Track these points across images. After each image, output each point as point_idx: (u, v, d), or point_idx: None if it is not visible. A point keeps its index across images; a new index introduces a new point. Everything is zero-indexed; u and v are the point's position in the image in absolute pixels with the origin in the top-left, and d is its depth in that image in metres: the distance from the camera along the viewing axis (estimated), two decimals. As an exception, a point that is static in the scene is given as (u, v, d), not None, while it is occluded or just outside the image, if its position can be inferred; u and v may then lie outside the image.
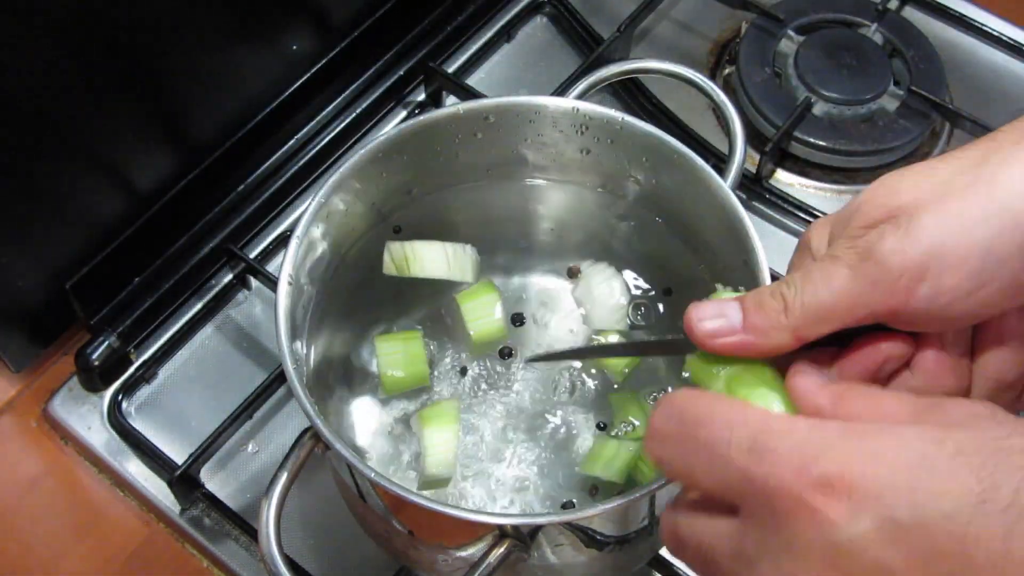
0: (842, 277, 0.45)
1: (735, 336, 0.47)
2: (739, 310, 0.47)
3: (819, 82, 0.90)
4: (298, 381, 0.57)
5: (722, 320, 0.47)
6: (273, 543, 0.55)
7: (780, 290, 0.47)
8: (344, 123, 0.88)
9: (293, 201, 0.87)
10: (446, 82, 0.90)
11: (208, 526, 0.74)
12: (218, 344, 0.82)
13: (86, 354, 0.77)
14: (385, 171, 0.68)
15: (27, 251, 0.73)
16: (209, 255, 0.82)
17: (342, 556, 0.73)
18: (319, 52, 0.85)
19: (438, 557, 0.62)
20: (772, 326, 0.47)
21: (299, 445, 0.58)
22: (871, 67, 0.91)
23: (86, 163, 0.74)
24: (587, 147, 0.69)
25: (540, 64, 0.96)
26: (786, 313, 0.46)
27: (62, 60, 0.67)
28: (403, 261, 0.69)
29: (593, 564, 0.64)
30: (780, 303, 0.46)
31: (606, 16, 0.96)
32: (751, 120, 0.91)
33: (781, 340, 0.47)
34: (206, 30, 0.76)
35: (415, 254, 0.69)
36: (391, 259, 0.69)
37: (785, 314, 0.46)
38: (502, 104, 0.68)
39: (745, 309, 0.47)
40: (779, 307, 0.46)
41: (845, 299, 0.45)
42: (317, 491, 0.74)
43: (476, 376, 0.69)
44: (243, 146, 0.82)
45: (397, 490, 0.55)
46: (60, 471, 0.78)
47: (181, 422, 0.78)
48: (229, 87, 0.81)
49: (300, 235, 0.63)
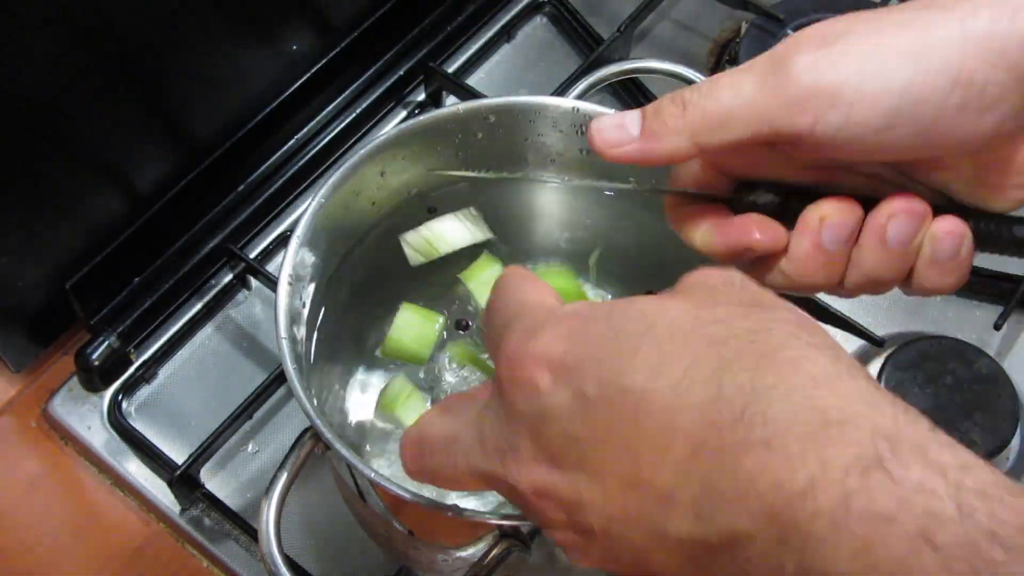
0: (749, 84, 0.44)
1: (633, 144, 0.47)
2: (638, 119, 0.47)
3: (819, 82, 0.90)
4: (298, 381, 0.57)
5: (620, 130, 0.47)
6: (273, 543, 0.55)
7: (682, 95, 0.46)
8: (344, 123, 0.88)
9: (293, 201, 0.87)
10: (446, 82, 0.90)
11: (208, 526, 0.74)
12: (218, 344, 0.82)
13: (86, 354, 0.77)
14: (385, 171, 0.68)
15: (27, 251, 0.73)
16: (209, 255, 0.82)
17: (342, 556, 0.73)
18: (319, 52, 0.85)
19: (438, 557, 0.62)
20: (669, 129, 0.46)
21: (299, 445, 0.58)
22: (871, 67, 0.91)
23: (86, 163, 0.74)
24: (587, 147, 0.69)
25: (540, 64, 0.96)
26: (684, 114, 0.45)
27: (62, 60, 0.67)
28: (427, 245, 0.69)
29: (593, 564, 0.63)
30: (679, 107, 0.45)
31: (606, 16, 0.96)
32: (751, 120, 0.90)
33: (678, 143, 0.46)
34: (206, 30, 0.76)
35: (434, 234, 0.69)
36: (413, 250, 0.69)
37: (683, 115, 0.45)
38: (502, 104, 0.68)
39: (644, 114, 0.47)
40: (678, 110, 0.45)
41: (748, 107, 0.44)
42: (317, 491, 0.74)
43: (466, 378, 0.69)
44: (243, 146, 0.82)
45: (397, 490, 0.55)
46: (60, 471, 0.78)
47: (181, 422, 0.78)
48: (229, 87, 0.81)
49: (300, 235, 0.63)
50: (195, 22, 0.74)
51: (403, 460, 0.47)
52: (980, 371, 0.75)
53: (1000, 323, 0.80)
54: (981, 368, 0.75)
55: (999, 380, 0.75)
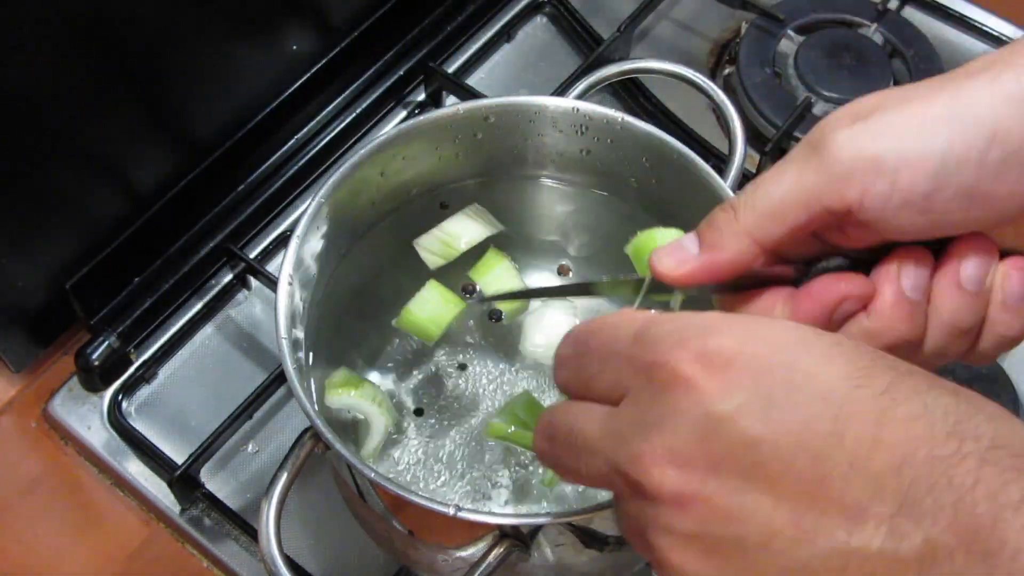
0: (792, 171, 0.44)
1: (695, 261, 0.46)
2: (695, 237, 0.47)
3: (819, 82, 0.90)
4: (298, 381, 0.57)
5: (680, 251, 0.47)
6: (273, 543, 0.55)
7: (731, 202, 0.46)
8: (344, 123, 0.88)
9: (293, 201, 0.87)
10: (446, 82, 0.90)
11: (208, 526, 0.74)
12: (218, 344, 0.82)
13: (86, 354, 0.77)
14: (385, 171, 0.68)
15: (27, 251, 0.73)
16: (209, 255, 0.82)
17: (342, 556, 0.73)
18: (319, 52, 0.85)
19: (438, 557, 0.62)
20: (726, 236, 0.45)
21: (299, 445, 0.58)
22: (871, 67, 0.91)
23: (86, 163, 0.74)
24: (587, 147, 0.69)
25: (540, 64, 0.96)
26: (736, 218, 0.45)
27: (62, 60, 0.67)
28: (444, 247, 0.69)
29: (593, 564, 0.64)
30: (730, 212, 0.46)
31: (606, 16, 0.96)
32: (751, 120, 0.91)
33: (739, 247, 0.45)
34: (206, 30, 0.76)
35: (449, 234, 0.69)
36: (431, 253, 0.69)
37: (736, 219, 0.45)
38: (502, 104, 0.68)
39: (700, 232, 0.47)
40: (729, 216, 0.45)
41: (796, 192, 0.44)
42: (317, 491, 0.74)
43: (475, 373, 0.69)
44: (243, 146, 0.82)
45: (397, 490, 0.55)
46: (60, 471, 0.78)
47: (181, 422, 0.78)
48: (229, 87, 0.81)
49: (300, 235, 0.63)
50: (195, 22, 0.74)
51: (534, 439, 0.45)
52: (980, 371, 0.75)
53: (1000, 323, 0.80)
54: (981, 368, 0.75)
55: (999, 380, 0.75)
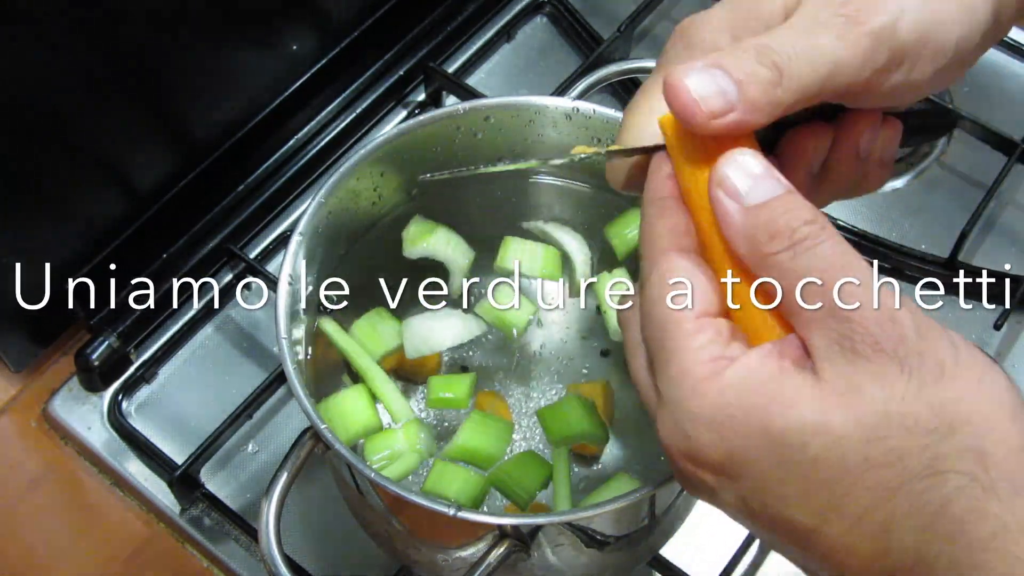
0: (838, 47, 0.41)
1: (733, 113, 0.41)
2: (728, 79, 0.41)
3: (819, 82, 0.90)
4: (298, 381, 0.57)
5: (723, 98, 0.41)
6: (273, 543, 0.55)
7: (771, 57, 0.41)
8: (344, 123, 0.88)
9: (293, 201, 0.87)
10: (446, 82, 0.90)
11: (208, 526, 0.74)
12: (218, 344, 0.82)
13: (86, 354, 0.77)
14: (385, 171, 0.68)
15: (27, 251, 0.73)
16: (209, 255, 0.82)
17: (342, 556, 0.73)
18: (319, 52, 0.85)
19: (438, 557, 0.62)
20: (768, 100, 0.41)
21: (299, 445, 0.58)
22: (871, 67, 0.91)
23: (86, 163, 0.74)
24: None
25: (540, 64, 0.96)
26: (782, 83, 0.41)
27: (62, 60, 0.67)
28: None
29: (593, 564, 0.64)
30: (775, 73, 0.41)
31: (606, 16, 0.96)
32: (751, 120, 0.90)
33: (773, 115, 0.42)
34: (206, 30, 0.76)
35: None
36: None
37: (779, 85, 0.41)
38: (502, 104, 0.68)
39: (737, 80, 0.41)
40: (774, 77, 0.41)
41: (841, 70, 0.42)
42: (317, 491, 0.74)
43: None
44: (243, 146, 0.83)
45: (397, 490, 0.55)
46: (60, 471, 0.78)
47: (181, 422, 0.78)
48: (229, 87, 0.81)
49: (300, 235, 0.63)
50: (196, 23, 0.74)
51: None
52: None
53: (1000, 323, 0.80)
54: (981, 368, 0.75)
55: (999, 380, 0.75)
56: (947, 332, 0.38)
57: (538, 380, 0.70)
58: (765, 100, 0.41)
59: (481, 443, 0.64)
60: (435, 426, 0.68)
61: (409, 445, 0.64)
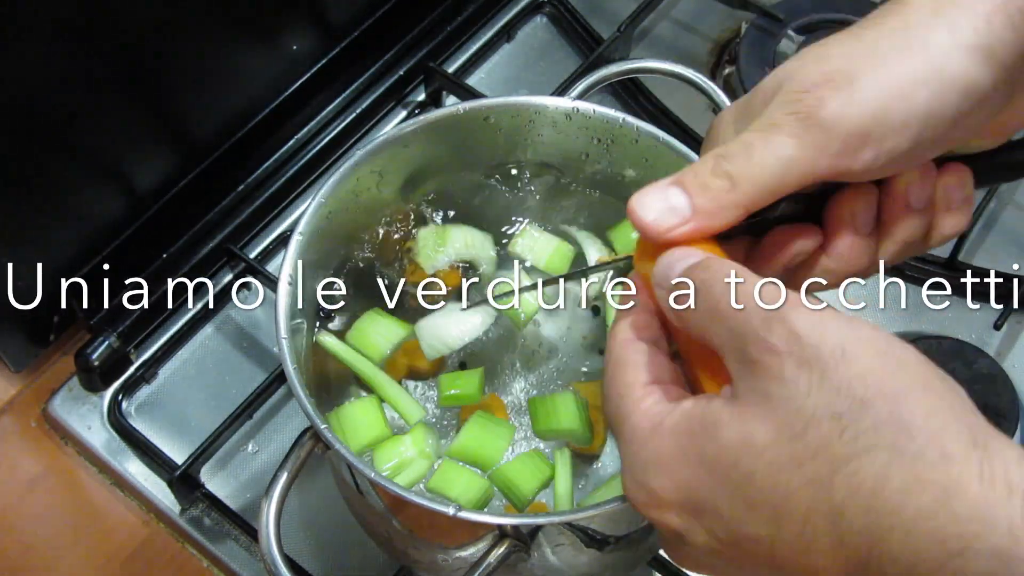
0: (787, 145, 0.44)
1: (687, 224, 0.45)
2: (683, 194, 0.45)
3: (819, 82, 0.90)
4: (298, 381, 0.57)
5: (672, 213, 0.45)
6: (273, 543, 0.55)
7: (723, 166, 0.45)
8: (344, 123, 0.88)
9: (293, 201, 0.87)
10: (446, 82, 0.90)
11: (208, 526, 0.74)
12: (218, 344, 0.82)
13: (86, 354, 0.77)
14: (385, 171, 0.68)
15: (27, 251, 0.73)
16: (209, 255, 0.82)
17: (342, 556, 0.73)
18: (319, 52, 0.86)
19: (438, 557, 0.62)
20: (721, 207, 0.45)
21: (299, 445, 0.58)
22: (871, 67, 0.91)
23: (86, 163, 0.74)
24: (587, 147, 0.69)
25: (540, 64, 0.96)
26: (734, 189, 0.45)
27: (62, 60, 0.67)
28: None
29: (593, 564, 0.64)
30: (726, 180, 0.45)
31: (606, 16, 0.96)
32: (751, 120, 0.90)
33: (733, 217, 0.45)
34: (206, 30, 0.76)
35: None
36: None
37: (734, 190, 0.45)
38: (502, 104, 0.68)
39: (690, 193, 0.45)
40: (726, 185, 0.45)
41: (796, 168, 0.44)
42: (317, 491, 0.74)
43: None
44: (243, 146, 0.83)
45: (397, 490, 0.55)
46: (60, 471, 0.78)
47: (181, 422, 0.78)
48: (229, 87, 0.81)
49: (300, 235, 0.63)
50: (196, 23, 0.74)
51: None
52: (980, 371, 0.75)
53: (1000, 323, 0.80)
54: (981, 368, 0.75)
55: (999, 380, 0.75)
56: (843, 316, 0.40)
57: (538, 379, 0.70)
58: (717, 207, 0.45)
59: (481, 444, 0.64)
60: (434, 424, 0.68)
61: (417, 450, 0.64)
